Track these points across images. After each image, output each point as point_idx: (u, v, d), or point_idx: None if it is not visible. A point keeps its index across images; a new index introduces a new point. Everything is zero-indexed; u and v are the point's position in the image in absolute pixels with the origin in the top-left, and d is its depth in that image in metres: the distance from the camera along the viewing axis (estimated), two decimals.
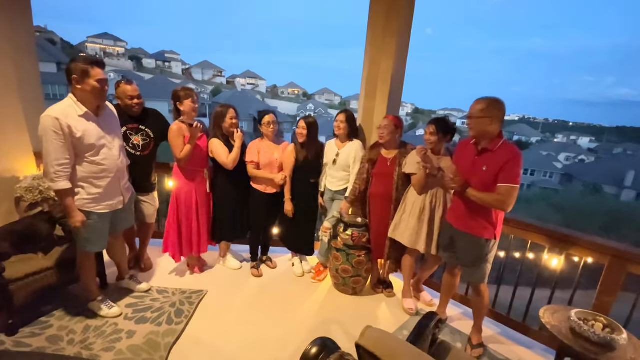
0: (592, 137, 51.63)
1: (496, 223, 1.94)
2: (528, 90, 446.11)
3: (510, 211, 1.83)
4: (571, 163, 33.63)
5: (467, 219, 1.97)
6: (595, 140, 50.57)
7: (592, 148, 44.32)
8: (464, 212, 1.98)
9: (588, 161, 33.99)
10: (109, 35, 51.73)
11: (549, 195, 20.48)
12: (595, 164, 31.18)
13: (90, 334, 2.01)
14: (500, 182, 1.77)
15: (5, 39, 2.35)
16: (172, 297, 2.43)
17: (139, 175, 2.44)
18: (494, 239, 1.96)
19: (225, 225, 2.77)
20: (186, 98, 2.42)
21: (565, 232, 2.15)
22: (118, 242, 2.35)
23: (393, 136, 2.44)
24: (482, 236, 1.94)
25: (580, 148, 40.58)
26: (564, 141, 46.45)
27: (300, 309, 2.49)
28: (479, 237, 1.95)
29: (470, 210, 1.95)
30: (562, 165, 31.96)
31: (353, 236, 2.55)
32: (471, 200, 1.90)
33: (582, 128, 61.51)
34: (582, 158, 35.43)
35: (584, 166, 30.94)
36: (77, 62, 1.79)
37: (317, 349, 0.97)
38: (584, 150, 39.66)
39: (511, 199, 1.76)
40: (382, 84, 2.77)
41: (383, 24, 2.65)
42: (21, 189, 2.41)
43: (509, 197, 1.75)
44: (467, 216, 1.97)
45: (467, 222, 1.97)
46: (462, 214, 1.99)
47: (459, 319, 2.50)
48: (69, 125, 1.76)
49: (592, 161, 33.53)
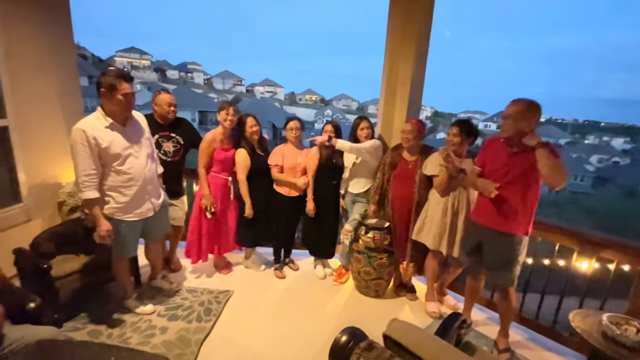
0: (626, 138, 48.83)
1: (529, 218, 1.90)
2: (553, 91, 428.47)
3: (537, 214, 1.80)
4: (604, 165, 31.92)
5: (498, 216, 1.92)
6: (630, 141, 47.78)
7: (627, 149, 41.90)
8: (493, 208, 1.93)
9: (623, 163, 32.15)
10: (135, 49, 54.17)
11: (580, 199, 19.54)
12: (630, 166, 29.45)
13: (127, 329, 2.14)
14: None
15: (48, 54, 2.53)
16: (201, 296, 2.54)
17: (169, 180, 2.56)
18: (526, 235, 1.93)
19: (250, 227, 2.87)
20: (221, 110, 2.60)
21: (596, 235, 2.09)
22: (155, 247, 2.47)
23: (417, 141, 2.46)
24: (515, 233, 1.90)
25: (613, 149, 38.44)
26: (596, 142, 44.19)
27: (323, 310, 2.54)
28: (512, 234, 1.91)
29: (502, 206, 1.90)
30: (595, 167, 30.40)
31: (374, 239, 2.58)
32: (501, 195, 1.87)
33: (616, 128, 58.33)
34: (617, 160, 33.55)
35: (618, 168, 29.32)
36: (106, 76, 1.86)
37: (346, 337, 1.01)
38: (618, 151, 37.52)
39: (566, 171, 1.69)
40: (402, 88, 2.80)
41: (402, 29, 2.69)
42: (63, 194, 2.60)
43: (563, 167, 1.68)
44: (499, 212, 1.92)
45: (498, 219, 1.93)
46: (492, 210, 1.94)
47: (484, 324, 2.46)
48: (94, 136, 1.84)
49: (628, 163, 31.67)
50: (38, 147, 2.53)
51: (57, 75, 2.63)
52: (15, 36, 2.29)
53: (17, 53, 2.31)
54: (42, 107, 2.55)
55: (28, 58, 2.40)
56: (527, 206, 1.88)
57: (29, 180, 2.49)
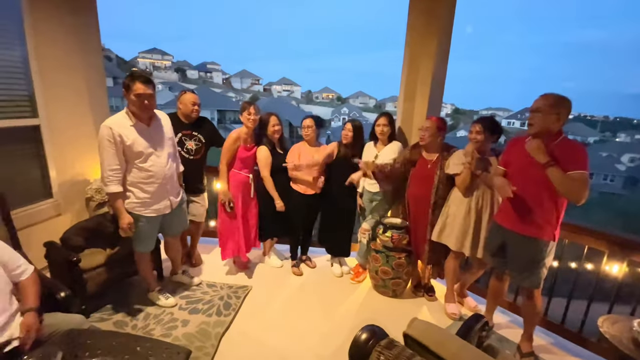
0: None
1: (556, 223, 1.82)
2: (582, 86, 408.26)
3: (565, 214, 1.72)
4: (637, 165, 30.30)
5: (523, 219, 1.85)
6: None
7: None
8: (518, 211, 1.87)
9: None
10: (157, 50, 55.74)
11: (610, 200, 18.66)
12: None
13: (150, 321, 2.21)
14: (570, 170, 1.66)
15: (76, 55, 2.64)
16: (221, 291, 2.60)
17: (191, 177, 2.63)
18: (553, 240, 1.85)
19: (268, 224, 2.91)
20: (243, 110, 2.64)
21: (628, 237, 1.99)
22: (174, 242, 2.54)
23: (435, 138, 2.38)
24: (541, 237, 1.82)
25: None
26: (628, 140, 41.96)
27: (340, 309, 2.54)
28: (537, 238, 1.83)
29: (527, 209, 1.83)
30: (626, 167, 28.90)
31: (393, 238, 2.55)
32: (527, 198, 1.80)
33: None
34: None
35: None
36: (126, 77, 1.98)
37: (367, 335, 1.00)
38: None
39: (586, 186, 1.63)
40: (422, 85, 2.75)
41: (423, 25, 2.64)
42: (91, 190, 2.71)
43: (584, 183, 1.63)
44: (523, 215, 1.85)
45: (522, 222, 1.86)
46: (517, 214, 1.87)
47: (507, 327, 2.39)
48: (120, 134, 1.93)
49: None
50: (67, 145, 2.64)
51: (85, 76, 2.74)
52: (45, 38, 2.39)
53: (47, 55, 2.42)
54: (71, 106, 2.66)
55: (58, 59, 2.51)
56: (553, 209, 1.79)
57: (59, 176, 2.61)
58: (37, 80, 2.39)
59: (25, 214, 2.33)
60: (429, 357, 0.95)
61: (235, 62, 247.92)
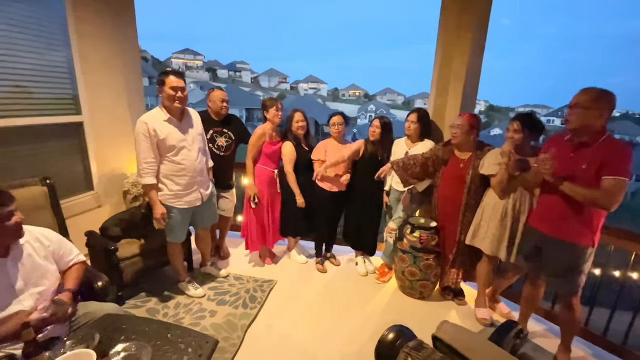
0: None
1: (596, 227, 1.70)
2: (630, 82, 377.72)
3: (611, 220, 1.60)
4: None
5: (560, 223, 1.74)
6: None
7: None
8: (555, 215, 1.76)
9: None
10: (189, 51, 57.79)
11: None
12: None
13: (180, 310, 2.30)
14: (605, 174, 1.55)
15: (116, 56, 2.78)
16: (247, 284, 2.65)
17: (221, 173, 2.70)
18: (592, 246, 1.73)
19: (292, 220, 2.93)
20: (271, 107, 2.67)
21: None
22: (204, 235, 2.63)
23: (467, 136, 2.27)
24: (579, 242, 1.71)
25: None
26: None
27: (364, 308, 2.51)
28: (575, 243, 1.72)
29: (564, 212, 1.72)
30: None
31: (421, 238, 2.47)
32: (564, 201, 1.69)
33: None
34: None
35: None
36: (160, 75, 2.11)
37: (394, 335, 0.98)
38: None
39: (618, 194, 1.53)
40: (455, 80, 2.64)
41: (457, 18, 2.54)
42: (128, 184, 2.85)
43: (615, 192, 1.53)
44: (560, 219, 1.74)
45: (559, 226, 1.75)
46: (553, 217, 1.77)
47: (542, 336, 2.26)
48: (154, 128, 2.04)
49: None
50: (107, 140, 2.79)
51: (123, 75, 2.88)
52: (88, 40, 2.54)
53: (90, 56, 2.56)
54: (111, 104, 2.80)
55: (99, 60, 2.65)
56: (593, 212, 1.67)
57: (99, 170, 2.77)
58: (81, 79, 2.54)
59: (70, 205, 2.49)
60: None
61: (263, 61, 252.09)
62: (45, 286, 1.39)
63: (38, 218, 1.82)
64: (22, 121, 2.22)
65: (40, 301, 1.35)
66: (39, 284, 1.37)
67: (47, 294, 1.39)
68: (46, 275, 1.40)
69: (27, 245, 1.36)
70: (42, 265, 1.39)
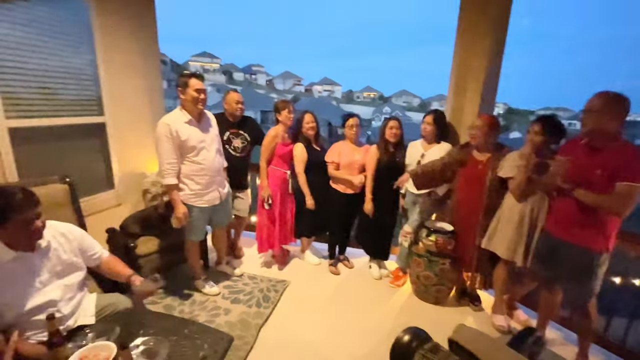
0: None
1: (610, 233, 1.68)
2: None
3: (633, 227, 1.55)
4: None
5: (573, 227, 1.73)
6: None
7: None
8: (569, 219, 1.75)
9: None
10: (207, 54, 58.88)
11: None
12: None
13: (195, 307, 2.34)
14: (620, 180, 1.54)
15: (138, 59, 2.86)
16: (261, 283, 2.68)
17: (237, 174, 2.74)
18: (606, 251, 1.70)
19: (306, 222, 2.94)
20: (283, 109, 2.71)
21: None
22: (221, 234, 2.68)
23: (487, 138, 2.24)
24: (592, 248, 1.69)
25: None
26: None
27: (377, 311, 2.49)
28: (588, 248, 1.70)
29: (578, 217, 1.71)
30: None
31: (437, 242, 2.43)
32: (578, 205, 1.68)
33: None
34: None
35: None
36: (181, 77, 2.16)
37: (409, 336, 0.97)
38: None
39: (631, 200, 1.53)
40: (474, 82, 2.59)
41: (475, 18, 2.50)
42: (147, 183, 2.92)
43: (628, 198, 1.52)
44: (574, 223, 1.73)
45: (573, 231, 1.74)
46: (567, 221, 1.76)
47: (560, 344, 2.19)
48: (176, 130, 2.09)
49: None
50: (128, 141, 2.87)
51: (144, 77, 2.96)
52: (110, 43, 2.61)
53: (112, 59, 2.64)
54: (132, 105, 2.88)
55: (121, 63, 2.73)
56: (607, 218, 1.65)
57: (120, 169, 2.84)
58: (104, 81, 2.62)
59: (92, 202, 2.57)
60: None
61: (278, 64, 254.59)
62: (71, 278, 1.45)
63: (58, 215, 1.88)
64: (48, 121, 2.31)
65: (67, 292, 1.41)
66: (65, 276, 1.43)
67: (73, 285, 1.45)
68: (71, 268, 1.46)
69: (53, 241, 1.42)
70: (67, 259, 1.44)
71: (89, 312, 1.47)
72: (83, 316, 1.45)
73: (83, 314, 1.46)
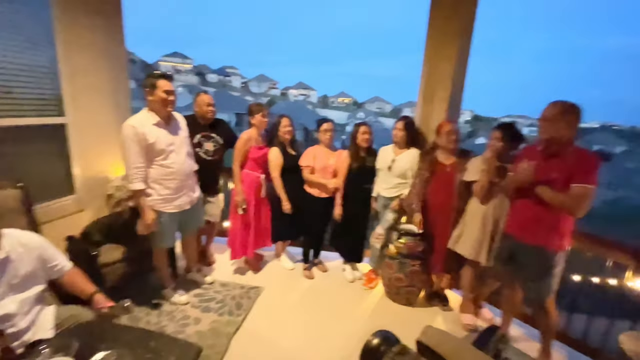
0: None
1: (565, 232, 1.79)
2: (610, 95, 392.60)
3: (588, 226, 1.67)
4: None
5: (531, 228, 1.83)
6: None
7: None
8: (527, 221, 1.85)
9: None
10: (178, 54, 57.24)
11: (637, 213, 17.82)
12: None
13: (163, 318, 2.25)
14: (574, 182, 1.66)
15: (102, 58, 2.73)
16: (233, 290, 2.61)
17: (208, 178, 2.67)
18: (562, 250, 1.81)
19: (281, 226, 2.91)
20: (257, 112, 2.68)
21: None
22: (191, 240, 2.60)
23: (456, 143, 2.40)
24: (550, 247, 1.80)
25: None
26: None
27: (351, 314, 2.51)
28: (546, 248, 1.80)
29: (535, 218, 1.81)
30: None
31: (407, 245, 2.50)
32: (534, 207, 1.78)
33: None
34: None
35: None
36: (148, 77, 2.07)
37: (378, 340, 0.98)
38: None
39: (585, 201, 1.64)
40: (441, 89, 2.71)
41: (443, 28, 2.62)
42: (111, 187, 2.78)
43: (583, 199, 1.64)
44: (532, 225, 1.83)
45: (531, 232, 1.83)
46: (525, 223, 1.86)
47: (524, 340, 2.31)
48: (143, 132, 2.00)
49: None
50: (90, 143, 2.72)
51: (109, 78, 2.82)
52: (73, 43, 2.48)
53: (75, 56, 2.50)
54: (96, 106, 2.74)
55: (85, 61, 2.59)
56: (562, 218, 1.77)
57: (81, 173, 2.69)
58: (65, 81, 2.48)
59: (49, 209, 2.41)
60: None
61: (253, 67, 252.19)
62: (29, 291, 1.36)
63: (10, 222, 1.75)
64: (1, 122, 2.15)
65: (24, 306, 1.32)
66: (23, 290, 1.34)
67: (30, 298, 1.36)
68: (30, 281, 1.37)
69: (13, 252, 1.32)
70: (26, 272, 1.35)
71: (47, 326, 1.38)
72: (42, 330, 1.36)
73: (42, 327, 1.37)
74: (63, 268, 1.50)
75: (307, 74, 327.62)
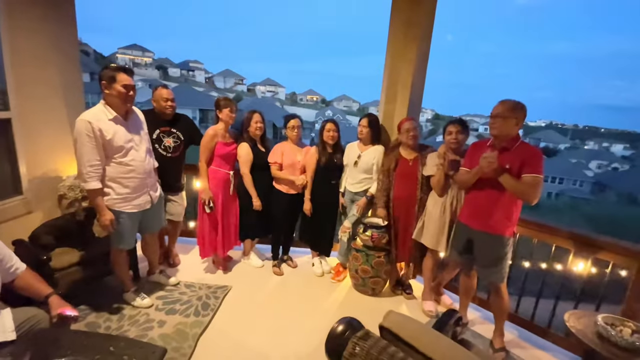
0: (626, 144, 49.00)
1: (515, 220, 1.97)
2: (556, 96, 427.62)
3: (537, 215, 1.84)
4: (603, 171, 32.01)
5: (486, 218, 1.97)
6: (630, 147, 47.93)
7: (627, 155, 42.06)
8: (482, 211, 1.99)
9: (622, 169, 32.22)
10: (137, 47, 54.20)
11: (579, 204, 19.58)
12: (630, 172, 29.53)
13: (124, 322, 2.15)
14: (525, 172, 1.81)
15: (52, 48, 2.54)
16: (199, 291, 2.55)
17: (169, 176, 2.59)
18: (512, 236, 1.99)
19: (250, 223, 2.89)
20: (225, 107, 2.61)
21: (592, 236, 2.12)
22: (152, 241, 2.50)
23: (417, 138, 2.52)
24: (504, 234, 1.95)
25: (613, 155, 38.61)
26: (596, 148, 44.32)
27: (320, 308, 2.55)
28: (500, 235, 1.95)
29: (489, 208, 1.95)
30: (594, 173, 30.48)
31: (372, 237, 2.59)
32: (489, 198, 1.93)
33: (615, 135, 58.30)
34: (616, 166, 33.66)
35: (617, 175, 29.39)
36: (106, 70, 1.95)
37: (343, 327, 1.02)
38: (618, 157, 37.68)
39: (538, 189, 1.81)
40: (403, 89, 2.81)
41: (404, 31, 2.71)
42: (64, 187, 2.60)
43: (536, 186, 1.80)
44: (486, 215, 1.97)
45: (486, 221, 1.97)
46: (480, 213, 2.00)
47: (480, 323, 2.48)
48: (100, 128, 1.88)
49: (627, 169, 31.75)
50: (40, 140, 2.53)
51: (59, 70, 2.64)
52: (20, 31, 2.29)
53: (21, 47, 2.32)
54: (45, 100, 2.55)
55: (32, 52, 2.40)
56: (513, 207, 1.94)
57: (29, 173, 2.49)
58: (10, 73, 2.28)
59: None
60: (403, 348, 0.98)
61: (218, 62, 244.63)
62: None
63: None
64: None
65: None
66: None
67: None
68: None
69: None
70: None
71: (7, 328, 1.29)
72: (2, 332, 1.27)
73: (2, 330, 1.27)
74: (18, 269, 1.41)
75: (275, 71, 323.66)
